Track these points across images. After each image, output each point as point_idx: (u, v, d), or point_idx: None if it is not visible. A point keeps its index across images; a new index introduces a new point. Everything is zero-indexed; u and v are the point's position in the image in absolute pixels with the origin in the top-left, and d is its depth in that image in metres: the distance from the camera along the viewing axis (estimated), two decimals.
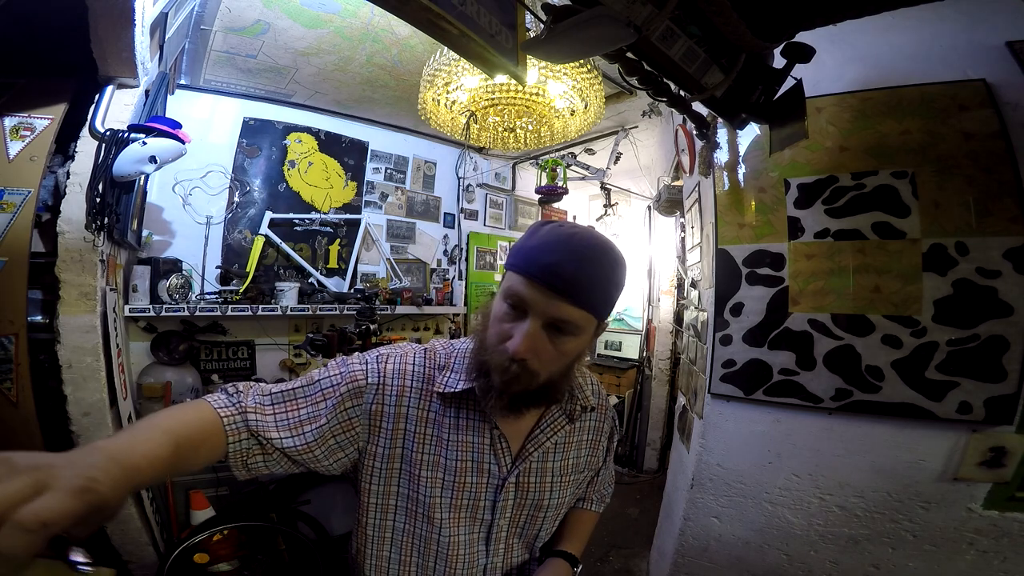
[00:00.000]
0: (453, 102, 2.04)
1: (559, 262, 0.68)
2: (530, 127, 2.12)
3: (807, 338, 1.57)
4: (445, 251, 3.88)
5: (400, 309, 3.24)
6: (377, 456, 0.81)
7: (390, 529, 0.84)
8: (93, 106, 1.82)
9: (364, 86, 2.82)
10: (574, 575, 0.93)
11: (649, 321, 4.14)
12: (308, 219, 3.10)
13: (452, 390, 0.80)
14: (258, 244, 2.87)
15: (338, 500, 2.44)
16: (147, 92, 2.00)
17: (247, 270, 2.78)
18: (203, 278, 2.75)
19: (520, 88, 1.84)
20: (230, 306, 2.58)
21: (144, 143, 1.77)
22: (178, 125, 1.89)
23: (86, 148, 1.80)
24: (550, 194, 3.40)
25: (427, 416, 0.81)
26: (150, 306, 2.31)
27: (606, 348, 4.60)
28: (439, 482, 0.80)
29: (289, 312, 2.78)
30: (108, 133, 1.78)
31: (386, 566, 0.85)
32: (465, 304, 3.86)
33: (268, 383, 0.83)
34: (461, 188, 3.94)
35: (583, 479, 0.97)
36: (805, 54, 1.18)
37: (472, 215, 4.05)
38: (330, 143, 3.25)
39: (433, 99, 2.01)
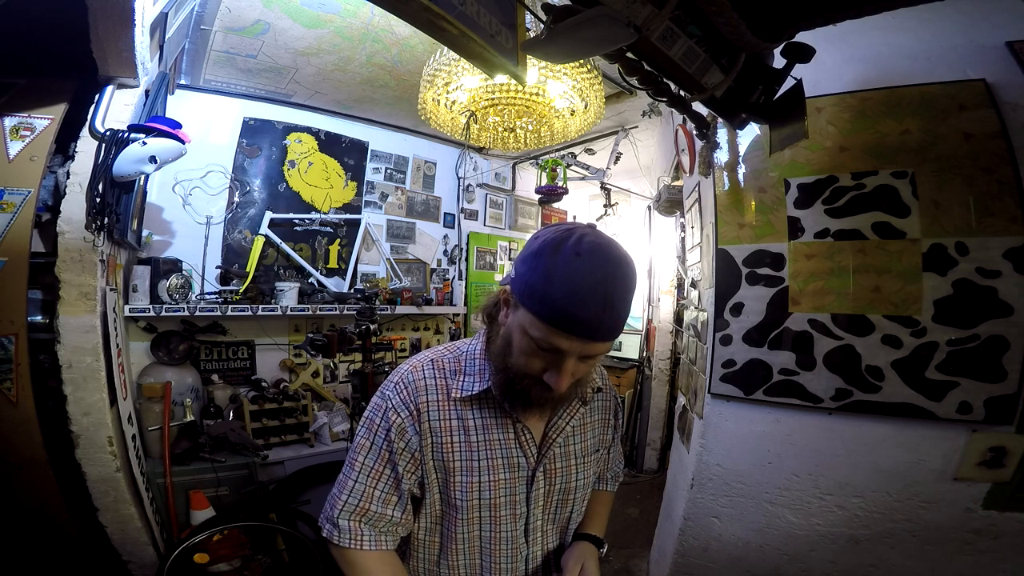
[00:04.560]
0: (453, 102, 2.04)
1: (595, 316, 0.68)
2: (530, 127, 2.11)
3: (807, 338, 1.57)
4: (445, 251, 3.88)
5: (400, 309, 3.24)
6: (424, 474, 0.85)
7: (438, 534, 0.88)
8: (93, 106, 1.82)
9: (364, 86, 2.82)
10: (600, 555, 0.97)
11: (649, 321, 4.14)
12: (308, 219, 3.10)
13: (470, 393, 0.83)
14: (258, 244, 2.87)
15: None
16: (147, 92, 2.00)
17: (247, 270, 2.78)
18: (203, 278, 2.75)
19: (520, 88, 1.84)
20: (230, 306, 2.58)
21: (144, 143, 1.77)
22: (178, 125, 1.89)
23: (86, 148, 1.80)
24: (550, 194, 3.40)
25: (450, 424, 0.83)
26: (150, 306, 2.31)
27: None
28: (475, 485, 0.83)
29: (289, 312, 2.78)
30: (108, 133, 1.78)
31: (436, 570, 0.89)
32: (465, 304, 3.86)
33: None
34: (461, 188, 3.94)
35: (599, 457, 1.02)
36: (805, 54, 1.18)
37: (472, 215, 4.05)
38: (330, 143, 3.25)
39: (433, 99, 2.01)
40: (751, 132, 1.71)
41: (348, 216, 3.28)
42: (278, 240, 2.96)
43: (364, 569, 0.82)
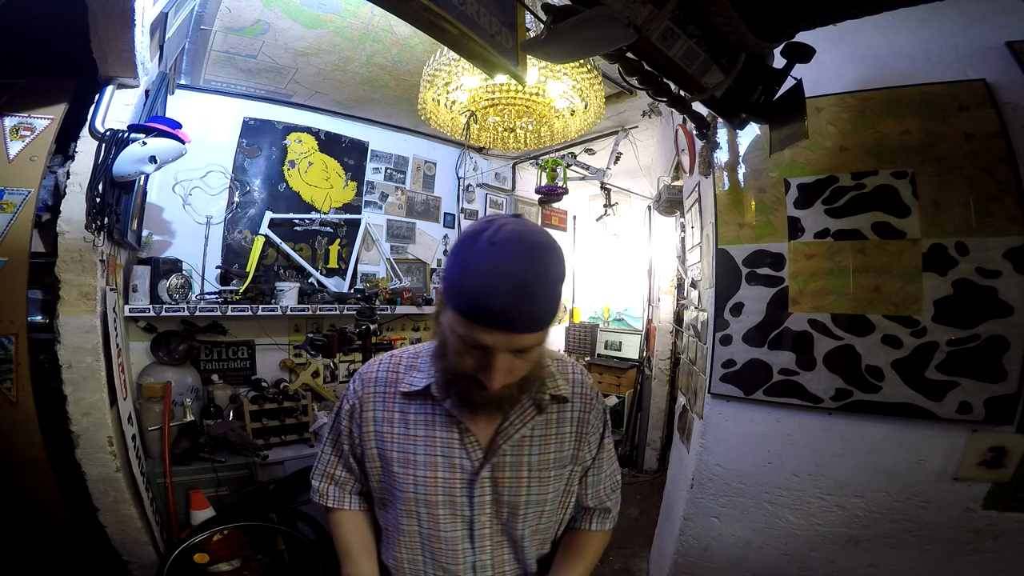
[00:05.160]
0: (453, 102, 2.04)
1: (513, 305, 0.65)
2: (530, 127, 2.11)
3: (807, 338, 1.57)
4: (445, 251, 3.87)
5: (400, 309, 3.24)
6: (365, 458, 0.90)
7: (390, 523, 0.89)
8: (93, 106, 1.82)
9: (364, 86, 2.82)
10: None
11: (649, 321, 4.14)
12: (308, 219, 3.10)
13: (415, 388, 0.85)
14: (258, 244, 2.87)
15: None
16: (147, 92, 2.00)
17: (247, 270, 2.78)
18: (203, 278, 2.75)
19: (520, 88, 1.84)
20: (230, 306, 2.58)
21: (144, 143, 1.77)
22: (178, 125, 1.89)
23: (86, 148, 1.80)
24: (550, 194, 3.40)
25: (392, 416, 0.87)
26: (150, 306, 2.31)
27: (606, 348, 4.61)
28: (411, 477, 0.84)
29: (289, 312, 2.78)
30: (108, 133, 1.78)
31: (394, 555, 0.90)
32: None
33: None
34: (461, 188, 3.94)
35: (570, 475, 0.92)
36: (805, 54, 1.18)
37: (472, 215, 4.05)
38: (330, 143, 3.25)
39: (433, 99, 2.01)
40: (751, 132, 1.71)
41: (348, 216, 3.28)
42: (278, 240, 2.96)
43: (333, 523, 0.97)
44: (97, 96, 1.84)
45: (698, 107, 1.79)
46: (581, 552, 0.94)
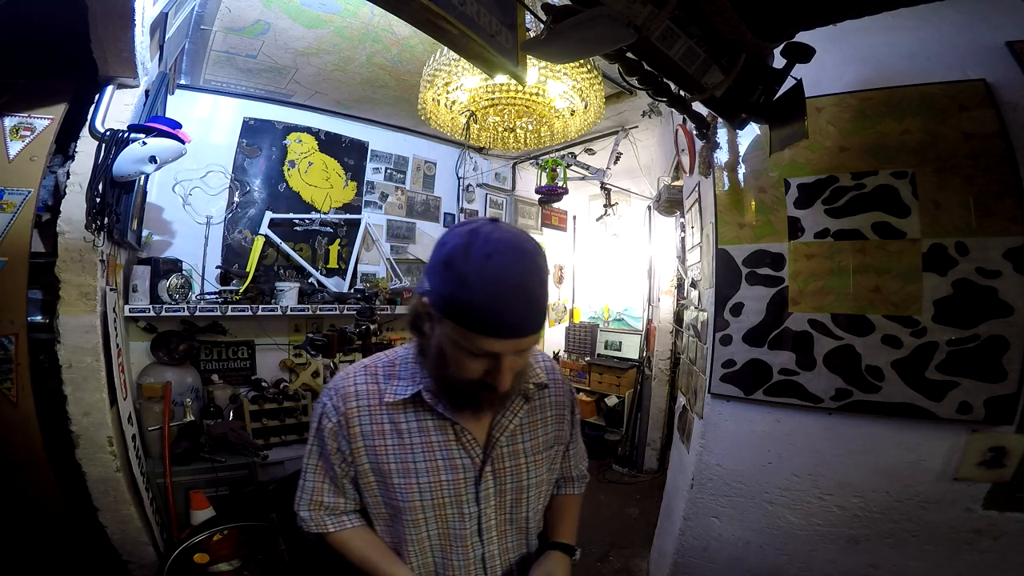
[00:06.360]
0: (453, 102, 2.04)
1: (520, 314, 0.71)
2: (530, 127, 2.12)
3: (807, 338, 1.57)
4: None
5: (400, 309, 3.24)
6: (358, 475, 0.87)
7: (396, 536, 0.89)
8: (93, 106, 1.82)
9: (364, 86, 2.82)
10: (573, 562, 0.97)
11: (649, 321, 4.13)
12: (308, 219, 3.10)
13: (402, 397, 0.84)
14: (258, 244, 2.87)
15: None
16: (147, 92, 2.00)
17: (247, 270, 2.78)
18: (203, 278, 2.75)
19: (520, 88, 1.84)
20: (230, 306, 2.58)
21: (144, 143, 1.77)
22: (178, 125, 1.89)
23: (86, 148, 1.80)
24: (550, 194, 3.40)
25: (382, 428, 0.85)
26: (150, 306, 2.31)
27: (606, 348, 4.60)
28: (415, 486, 0.83)
29: (289, 312, 2.78)
30: (108, 133, 1.78)
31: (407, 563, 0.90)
32: None
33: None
34: (461, 188, 3.94)
35: (556, 454, 0.99)
36: (805, 54, 1.18)
37: (472, 215, 4.05)
38: (330, 143, 3.26)
39: (433, 99, 2.01)
40: (751, 132, 1.71)
41: (348, 216, 3.28)
42: (278, 240, 2.96)
43: (340, 547, 0.91)
44: (97, 96, 1.84)
45: (698, 107, 1.79)
46: (571, 513, 1.06)
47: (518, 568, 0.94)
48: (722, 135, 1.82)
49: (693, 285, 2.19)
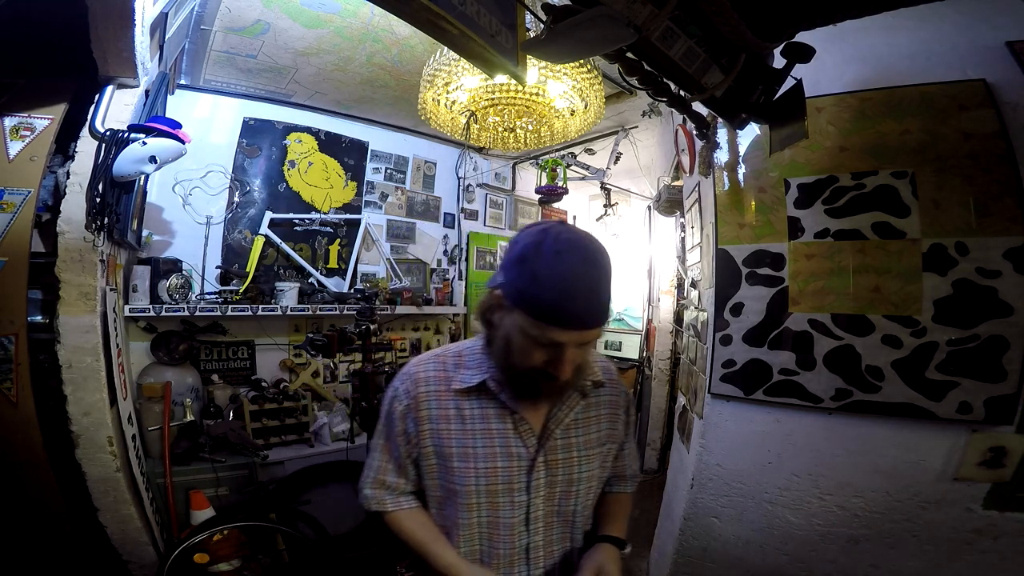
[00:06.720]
0: (453, 102, 2.04)
1: (584, 308, 0.76)
2: (530, 127, 2.12)
3: (807, 338, 1.57)
4: (445, 251, 3.87)
5: (400, 309, 3.24)
6: (420, 457, 0.93)
7: (449, 520, 0.93)
8: (93, 106, 1.82)
9: (364, 86, 2.82)
10: (623, 556, 1.00)
11: (649, 321, 4.13)
12: (308, 219, 3.10)
13: (468, 385, 0.90)
14: (258, 244, 2.87)
15: (338, 500, 2.44)
16: (147, 92, 2.00)
17: (247, 270, 2.78)
18: (203, 278, 2.75)
19: (520, 88, 1.84)
20: (230, 306, 2.58)
21: (144, 143, 1.77)
22: (178, 125, 1.89)
23: (86, 148, 1.80)
24: (550, 194, 3.40)
25: (447, 413, 0.91)
26: (150, 306, 2.31)
27: (606, 348, 4.60)
28: (472, 470, 0.88)
29: (289, 312, 2.78)
30: (108, 133, 1.78)
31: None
32: (465, 304, 3.86)
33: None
34: (461, 188, 3.94)
35: (608, 452, 1.02)
36: (805, 54, 1.18)
37: (472, 215, 4.05)
38: (330, 143, 3.25)
39: (433, 99, 2.01)
40: (751, 132, 1.71)
41: (348, 216, 3.28)
42: (278, 240, 2.96)
43: (395, 525, 0.97)
44: (97, 96, 1.84)
45: (698, 107, 1.79)
46: (622, 510, 1.10)
47: (560, 560, 0.96)
48: (722, 135, 1.82)
49: (693, 285, 2.19)
